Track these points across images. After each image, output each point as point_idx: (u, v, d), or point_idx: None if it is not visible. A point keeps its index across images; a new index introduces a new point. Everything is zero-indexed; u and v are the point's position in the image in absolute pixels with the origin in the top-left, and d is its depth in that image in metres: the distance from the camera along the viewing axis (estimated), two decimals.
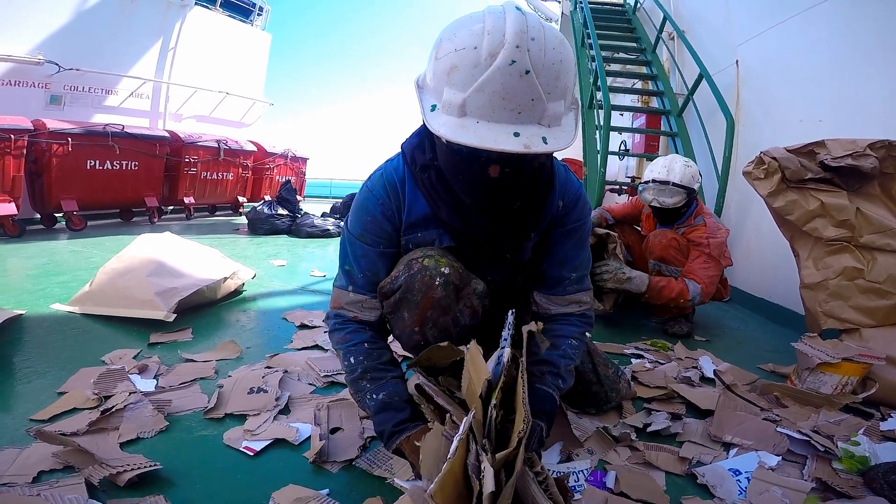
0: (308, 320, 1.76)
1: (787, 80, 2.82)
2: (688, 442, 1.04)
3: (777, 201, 1.56)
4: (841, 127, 2.22)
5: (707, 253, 1.83)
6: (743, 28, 3.39)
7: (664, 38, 4.48)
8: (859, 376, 1.27)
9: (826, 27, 2.49)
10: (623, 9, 5.85)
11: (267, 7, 10.07)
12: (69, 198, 4.50)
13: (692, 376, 1.39)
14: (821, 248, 1.52)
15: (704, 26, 4.18)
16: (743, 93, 3.32)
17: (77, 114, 5.95)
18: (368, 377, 0.85)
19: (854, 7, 2.27)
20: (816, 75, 2.54)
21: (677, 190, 1.89)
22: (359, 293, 0.91)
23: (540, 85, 0.64)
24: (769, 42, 3.06)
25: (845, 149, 1.48)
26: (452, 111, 0.66)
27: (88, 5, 6.27)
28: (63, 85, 6.00)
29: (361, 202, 0.93)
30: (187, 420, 1.02)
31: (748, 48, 3.31)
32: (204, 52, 7.99)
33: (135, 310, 1.67)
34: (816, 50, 2.58)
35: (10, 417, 1.04)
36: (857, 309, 1.43)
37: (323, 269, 2.82)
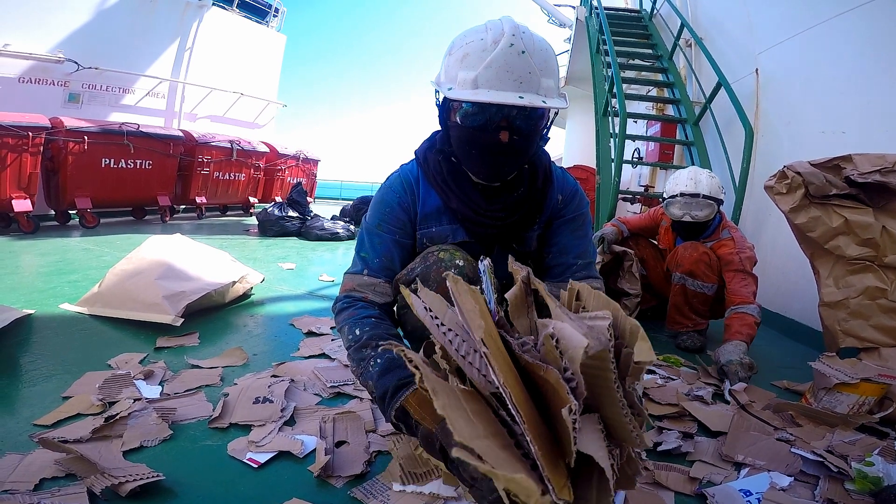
0: (315, 327, 1.75)
1: (809, 90, 2.76)
2: (699, 461, 1.01)
3: (799, 217, 1.53)
4: (865, 139, 2.19)
5: (743, 270, 1.77)
6: (764, 36, 3.32)
7: (681, 46, 4.42)
8: (877, 396, 1.23)
9: (852, 37, 2.43)
10: (639, 15, 5.80)
11: (283, 8, 10.19)
12: (83, 195, 4.59)
13: (704, 395, 1.35)
14: (842, 266, 1.48)
15: (723, 34, 4.10)
16: (763, 102, 3.25)
17: (94, 112, 6.07)
18: (373, 344, 0.83)
19: (882, 16, 2.21)
20: (840, 86, 2.47)
21: (707, 202, 1.84)
22: (373, 276, 0.96)
23: (534, 62, 0.82)
24: (791, 51, 2.99)
25: (873, 164, 1.44)
26: (467, 86, 0.82)
27: (108, 4, 6.40)
28: (81, 83, 6.13)
29: (380, 197, 1.03)
30: (191, 429, 1.01)
31: (769, 56, 3.24)
32: (220, 53, 8.12)
33: (142, 313, 1.68)
34: (841, 60, 2.52)
35: (14, 421, 1.04)
36: (878, 328, 1.40)
37: (332, 273, 2.82)
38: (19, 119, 4.10)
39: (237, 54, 8.55)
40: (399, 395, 0.70)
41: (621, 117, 3.37)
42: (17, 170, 4.10)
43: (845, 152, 2.24)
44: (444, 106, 0.92)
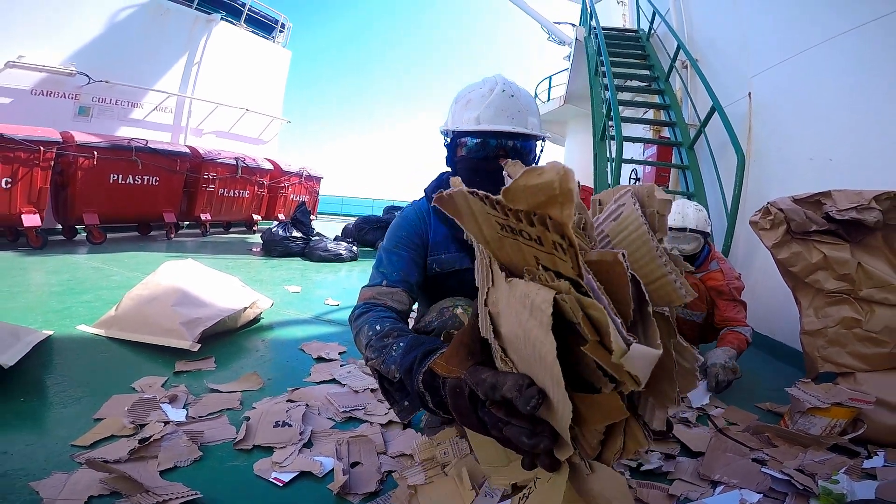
0: (325, 353, 1.88)
1: (799, 116, 2.87)
2: (678, 480, 1.13)
3: (781, 253, 1.65)
4: (853, 167, 2.32)
5: (733, 299, 1.95)
6: (757, 59, 3.42)
7: (677, 67, 4.54)
8: (848, 419, 1.36)
9: (840, 62, 2.55)
10: (637, 35, 5.96)
11: (289, 24, 10.49)
12: (91, 211, 4.74)
13: (689, 417, 1.48)
14: (822, 298, 1.61)
15: (718, 55, 4.21)
16: (755, 126, 3.34)
17: (104, 126, 6.28)
18: (395, 334, 0.86)
19: (870, 42, 2.34)
20: (829, 112, 2.60)
21: (694, 236, 2.00)
22: (391, 286, 1.06)
23: (521, 104, 1.08)
24: (782, 75, 3.10)
25: (851, 201, 1.56)
26: (471, 123, 1.08)
27: (121, 17, 6.65)
28: (92, 97, 6.35)
29: (397, 224, 1.17)
30: (219, 450, 1.13)
31: (761, 80, 3.35)
32: (226, 68, 8.36)
33: (161, 338, 1.81)
34: (829, 85, 2.64)
35: (53, 442, 1.16)
36: (854, 355, 1.52)
37: (337, 297, 2.95)
38: (31, 133, 4.26)
39: (243, 69, 8.79)
40: (427, 360, 0.68)
41: (617, 141, 3.50)
42: (27, 184, 4.25)
43: (833, 179, 2.42)
44: (452, 145, 1.13)
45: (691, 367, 0.49)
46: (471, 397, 0.53)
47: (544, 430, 0.46)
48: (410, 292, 1.07)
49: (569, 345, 0.41)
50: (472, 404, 0.53)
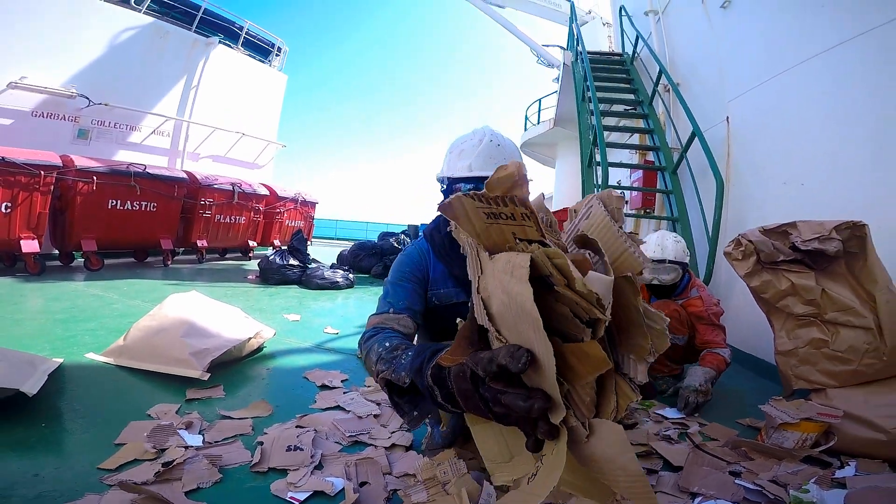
0: (328, 381, 2.00)
1: (773, 140, 3.07)
2: (660, 492, 1.26)
3: (753, 281, 1.85)
4: (823, 191, 2.52)
5: (712, 323, 2.13)
6: (734, 83, 3.60)
7: (660, 91, 4.71)
8: (818, 432, 1.53)
9: (811, 87, 2.75)
10: (622, 59, 6.16)
11: (285, 48, 10.82)
12: (90, 237, 4.82)
13: (672, 434, 1.62)
14: (792, 321, 1.79)
15: (698, 79, 4.38)
16: (733, 150, 3.52)
17: (102, 149, 6.40)
18: (403, 347, 0.91)
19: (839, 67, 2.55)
20: (801, 136, 2.80)
21: (673, 266, 2.18)
22: (398, 313, 1.16)
23: (506, 152, 1.26)
24: (757, 99, 3.27)
25: (814, 231, 1.75)
26: (464, 170, 1.25)
27: (122, 39, 6.87)
28: (91, 119, 6.50)
29: (400, 261, 1.31)
30: (237, 472, 1.25)
31: (738, 104, 3.53)
32: (223, 92, 8.57)
33: (172, 367, 1.93)
34: (801, 110, 2.82)
35: (80, 465, 1.27)
36: (823, 373, 1.69)
37: (336, 325, 3.09)
38: (32, 157, 4.35)
39: (240, 93, 9.00)
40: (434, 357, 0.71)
41: (603, 171, 3.68)
42: (27, 209, 4.33)
43: (805, 203, 2.64)
44: (448, 190, 1.29)
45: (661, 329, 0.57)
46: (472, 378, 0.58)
47: (537, 393, 0.51)
48: (415, 318, 1.19)
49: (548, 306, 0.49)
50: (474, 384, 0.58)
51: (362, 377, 2.13)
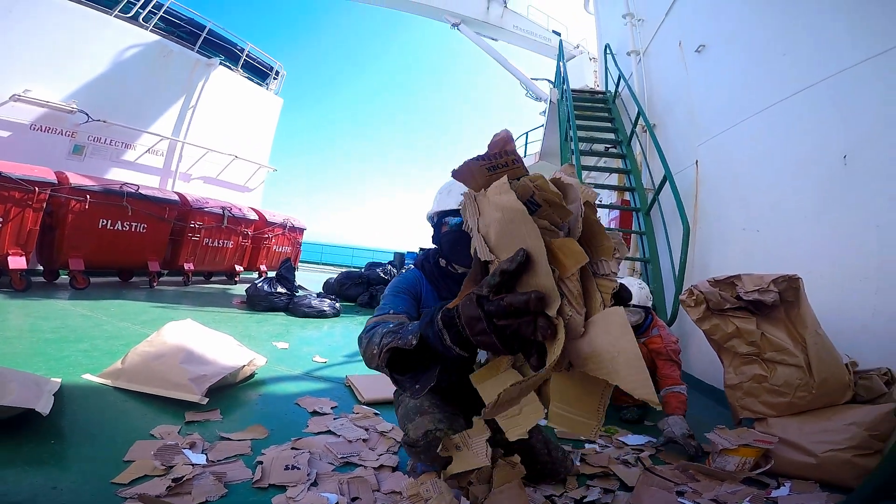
0: (318, 407, 2.17)
1: (734, 187, 3.34)
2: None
3: (704, 325, 2.13)
4: (775, 238, 2.80)
5: (670, 359, 2.38)
6: (703, 128, 3.86)
7: (638, 132, 5.00)
8: (756, 456, 1.77)
9: (769, 135, 2.99)
10: (604, 97, 6.51)
11: (283, 72, 11.17)
12: (77, 256, 4.88)
13: (630, 458, 1.85)
14: (738, 359, 2.06)
15: (673, 121, 4.63)
16: (701, 194, 3.79)
17: (96, 166, 6.50)
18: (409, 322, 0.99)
19: (794, 118, 2.79)
20: (757, 185, 3.07)
21: (637, 310, 2.46)
22: (398, 313, 1.26)
23: None
24: (723, 145, 3.53)
25: (755, 283, 2.04)
26: (452, 204, 1.41)
27: (126, 56, 7.05)
28: (88, 135, 6.61)
29: (397, 281, 1.46)
30: (240, 488, 1.42)
31: (706, 149, 3.78)
32: (220, 113, 8.77)
33: (172, 391, 2.09)
34: (758, 159, 3.08)
35: (95, 480, 1.42)
36: (764, 404, 1.96)
37: (324, 355, 3.25)
38: (28, 172, 4.44)
39: (236, 115, 9.20)
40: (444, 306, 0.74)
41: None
42: (17, 225, 4.40)
43: (759, 249, 2.95)
44: (438, 224, 1.48)
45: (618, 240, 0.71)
46: (478, 301, 0.63)
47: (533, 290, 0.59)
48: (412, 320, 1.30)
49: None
50: (480, 306, 0.63)
51: (350, 405, 2.31)
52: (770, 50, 3.10)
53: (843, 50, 2.48)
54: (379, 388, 2.50)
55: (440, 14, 9.99)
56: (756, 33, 3.31)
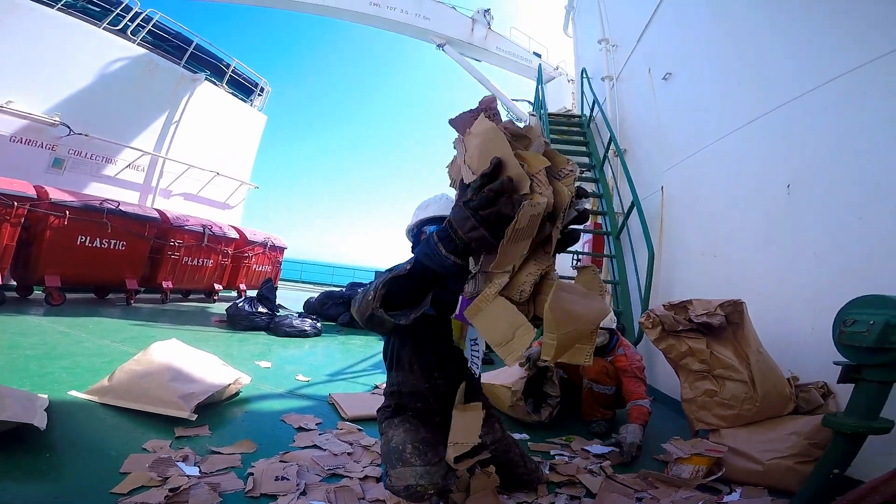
0: (304, 423, 2.29)
1: (695, 212, 3.56)
2: None
3: (660, 345, 2.36)
4: (729, 264, 3.03)
5: (635, 376, 2.58)
6: (669, 153, 4.04)
7: (609, 157, 5.19)
8: (707, 465, 1.96)
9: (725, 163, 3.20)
10: (580, 120, 6.74)
11: (268, 88, 11.32)
12: (54, 273, 4.86)
13: (595, 468, 2.03)
14: (692, 375, 2.29)
15: (642, 147, 4.83)
16: (666, 219, 4.00)
17: (75, 180, 6.47)
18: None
19: (746, 146, 3.01)
20: (714, 211, 3.30)
21: (602, 332, 2.66)
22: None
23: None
24: (686, 171, 3.72)
25: (704, 308, 2.29)
26: (429, 213, 1.59)
27: (111, 69, 7.10)
28: (68, 149, 6.61)
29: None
30: (234, 497, 1.53)
31: (671, 175, 3.98)
32: (203, 129, 8.81)
33: (161, 408, 2.18)
34: (715, 186, 3.29)
35: (94, 490, 1.51)
36: (716, 416, 2.17)
37: (306, 373, 3.35)
38: (6, 186, 4.43)
39: (219, 132, 9.26)
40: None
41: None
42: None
43: (716, 272, 3.19)
44: (417, 234, 1.64)
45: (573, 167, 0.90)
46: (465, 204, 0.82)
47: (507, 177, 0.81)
48: None
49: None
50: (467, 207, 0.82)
51: (334, 421, 2.43)
52: (727, 80, 3.35)
53: (789, 81, 2.69)
54: (362, 405, 2.63)
55: (427, 35, 10.35)
56: (715, 63, 3.55)
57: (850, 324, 1.51)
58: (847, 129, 2.30)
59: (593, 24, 7.01)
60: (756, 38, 3.10)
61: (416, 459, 1.37)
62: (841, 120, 2.34)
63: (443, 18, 10.34)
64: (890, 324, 1.41)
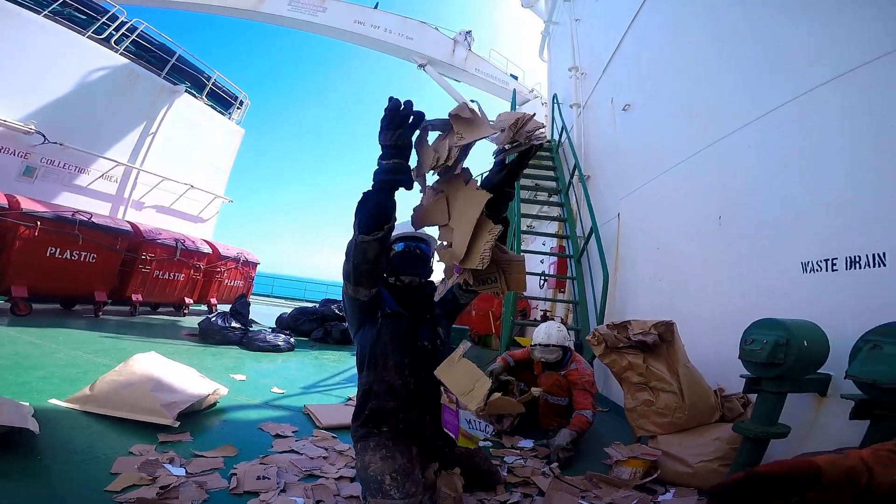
0: (281, 431, 2.46)
1: (645, 238, 3.87)
2: None
3: (604, 360, 2.67)
4: (671, 288, 3.36)
5: (583, 389, 2.83)
6: (626, 182, 4.33)
7: (574, 182, 5.45)
8: (644, 467, 2.22)
9: (670, 194, 3.50)
10: (550, 145, 7.00)
11: (247, 102, 11.37)
12: (21, 284, 4.81)
13: (546, 471, 2.27)
14: (633, 387, 2.58)
15: (603, 174, 5.13)
16: (621, 245, 4.32)
17: (46, 190, 6.39)
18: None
19: (688, 179, 3.31)
20: (661, 238, 3.62)
21: (555, 348, 2.94)
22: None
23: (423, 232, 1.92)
24: (639, 200, 4.01)
25: (640, 327, 2.60)
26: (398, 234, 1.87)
27: (92, 79, 7.07)
28: (41, 157, 6.53)
29: None
30: (219, 495, 1.70)
31: (627, 202, 4.28)
32: (179, 141, 8.78)
33: (144, 416, 2.31)
34: (661, 215, 3.58)
35: (89, 489, 1.65)
36: (653, 424, 2.46)
37: (281, 386, 3.50)
38: None
39: (195, 144, 9.23)
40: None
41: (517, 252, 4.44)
42: None
43: (662, 296, 3.52)
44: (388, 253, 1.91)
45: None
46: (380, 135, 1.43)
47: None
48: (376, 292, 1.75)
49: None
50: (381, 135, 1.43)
51: (310, 430, 2.60)
52: (677, 114, 3.69)
53: (727, 117, 3.00)
54: (336, 414, 2.81)
55: (410, 55, 10.61)
56: (668, 97, 3.90)
57: (749, 342, 1.83)
58: (774, 164, 2.61)
59: (566, 52, 7.37)
60: (704, 72, 3.39)
61: (395, 492, 1.48)
62: (767, 155, 2.66)
63: (425, 39, 10.61)
64: (778, 343, 1.73)
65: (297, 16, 9.65)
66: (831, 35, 2.32)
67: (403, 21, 10.52)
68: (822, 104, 2.30)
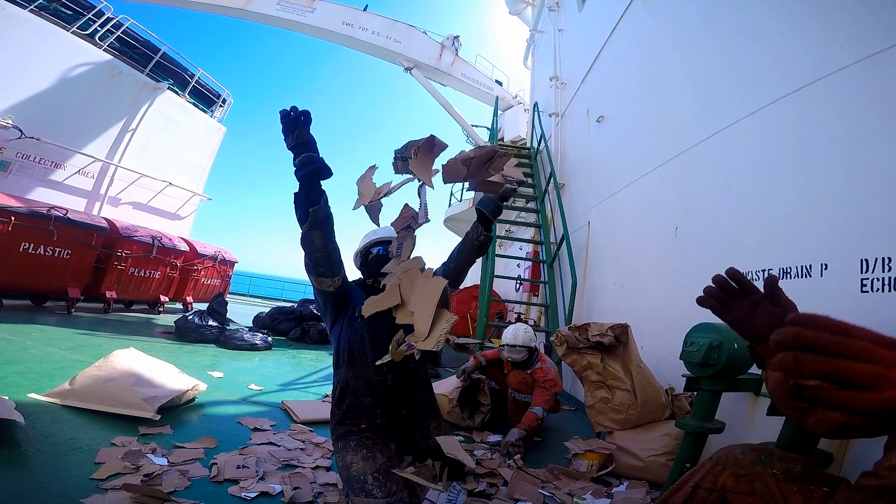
0: (259, 425, 2.57)
1: (611, 247, 4.08)
2: (496, 499, 2.03)
3: (566, 359, 2.85)
4: (633, 293, 3.56)
5: (543, 387, 3.01)
6: (596, 191, 4.52)
7: (549, 190, 5.60)
8: (599, 461, 2.41)
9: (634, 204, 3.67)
10: (529, 152, 7.14)
11: (230, 100, 11.30)
12: None
13: (511, 463, 2.44)
14: (592, 385, 2.76)
15: (577, 183, 5.29)
16: (590, 252, 4.52)
17: (20, 184, 6.31)
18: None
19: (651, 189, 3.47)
20: (624, 246, 3.83)
21: (522, 349, 3.12)
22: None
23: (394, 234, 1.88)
24: (608, 209, 4.20)
25: (598, 329, 2.80)
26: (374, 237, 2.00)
27: (73, 74, 7.00)
28: (17, 152, 6.46)
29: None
30: (201, 482, 1.81)
31: (597, 211, 4.48)
32: (159, 138, 8.72)
33: (125, 409, 2.40)
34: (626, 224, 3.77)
35: (74, 477, 1.74)
36: (610, 420, 2.63)
37: (259, 383, 3.59)
38: None
39: (175, 141, 9.16)
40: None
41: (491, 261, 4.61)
42: None
43: (624, 300, 3.73)
44: (365, 254, 2.01)
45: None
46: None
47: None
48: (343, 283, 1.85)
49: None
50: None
51: (287, 424, 2.71)
52: (644, 127, 3.86)
53: (685, 132, 3.17)
54: (313, 410, 2.93)
55: (397, 58, 10.61)
56: (636, 112, 4.08)
57: (689, 344, 2.03)
58: (722, 179, 2.80)
59: (548, 61, 7.50)
60: (670, 90, 3.56)
61: (378, 491, 1.54)
62: (717, 171, 2.86)
63: (413, 43, 10.58)
64: (713, 345, 1.94)
65: (285, 15, 9.65)
66: (781, 55, 2.44)
67: (392, 24, 10.54)
68: (765, 124, 2.49)
